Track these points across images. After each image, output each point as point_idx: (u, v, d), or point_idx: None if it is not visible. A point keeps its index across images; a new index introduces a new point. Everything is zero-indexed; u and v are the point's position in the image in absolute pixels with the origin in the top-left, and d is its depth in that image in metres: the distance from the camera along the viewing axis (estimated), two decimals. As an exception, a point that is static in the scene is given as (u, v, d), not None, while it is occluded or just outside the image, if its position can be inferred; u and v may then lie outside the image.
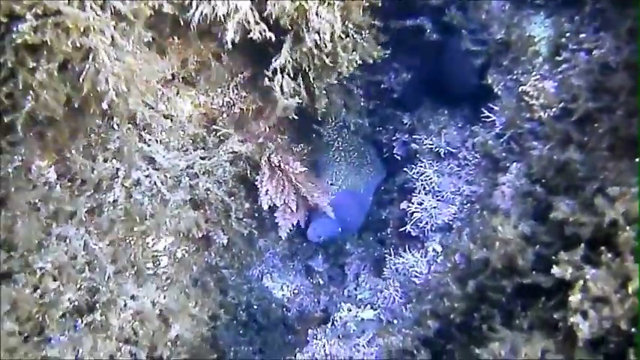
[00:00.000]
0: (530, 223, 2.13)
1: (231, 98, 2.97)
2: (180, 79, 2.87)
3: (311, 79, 2.75)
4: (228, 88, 2.95)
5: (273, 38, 2.47)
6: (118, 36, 2.18)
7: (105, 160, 2.69)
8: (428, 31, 3.11)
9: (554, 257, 1.87)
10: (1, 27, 2.09)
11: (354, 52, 2.66)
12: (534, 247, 2.02)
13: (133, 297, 2.75)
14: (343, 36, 2.60)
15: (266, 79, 2.68)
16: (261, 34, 2.42)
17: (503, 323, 2.02)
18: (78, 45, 2.10)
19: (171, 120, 2.85)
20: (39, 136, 2.58)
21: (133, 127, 2.74)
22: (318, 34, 2.48)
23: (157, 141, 2.80)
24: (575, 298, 1.75)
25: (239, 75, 2.92)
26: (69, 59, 2.16)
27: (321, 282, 3.67)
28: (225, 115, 3.00)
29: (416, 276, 3.04)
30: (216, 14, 2.39)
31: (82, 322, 2.67)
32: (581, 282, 1.76)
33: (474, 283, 2.10)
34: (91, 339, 2.63)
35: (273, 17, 2.43)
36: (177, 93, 2.87)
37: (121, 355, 2.69)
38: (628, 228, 1.80)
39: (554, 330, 1.81)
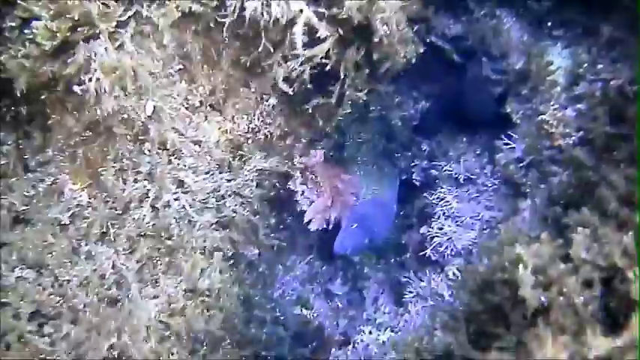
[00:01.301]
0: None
1: (256, 125, 3.05)
2: (208, 106, 2.96)
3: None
4: (254, 115, 3.03)
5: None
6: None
7: (135, 182, 2.78)
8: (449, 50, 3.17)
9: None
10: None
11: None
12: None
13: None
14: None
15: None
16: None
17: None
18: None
19: (200, 146, 2.93)
20: (71, 159, 2.68)
21: (164, 152, 2.82)
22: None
23: (185, 166, 2.87)
24: None
25: (264, 102, 3.01)
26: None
27: (340, 305, 3.71)
28: (250, 141, 3.07)
29: (436, 299, 3.10)
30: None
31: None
32: None
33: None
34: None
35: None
36: (206, 119, 2.95)
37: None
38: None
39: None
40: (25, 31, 2.20)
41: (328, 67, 2.65)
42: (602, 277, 1.86)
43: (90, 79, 2.30)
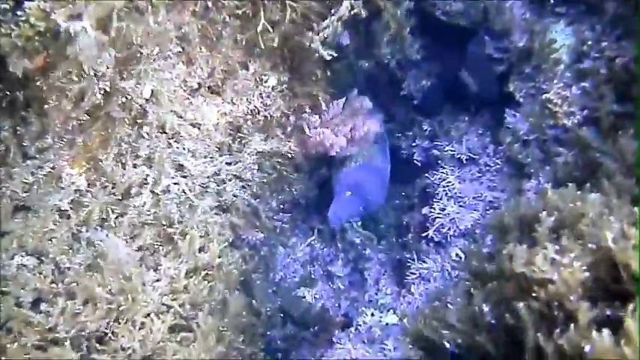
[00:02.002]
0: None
1: (255, 106, 3.01)
2: (207, 88, 2.91)
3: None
4: (254, 97, 2.98)
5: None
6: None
7: (135, 167, 2.74)
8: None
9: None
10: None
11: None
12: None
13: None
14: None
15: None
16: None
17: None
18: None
19: (199, 129, 2.89)
20: (70, 145, 2.63)
21: (163, 135, 2.78)
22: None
23: (184, 149, 2.84)
24: None
25: (264, 83, 2.97)
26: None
27: (342, 287, 3.70)
28: (250, 123, 3.03)
29: (439, 280, 3.08)
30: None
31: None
32: None
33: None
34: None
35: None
36: (205, 101, 2.91)
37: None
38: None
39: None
40: (18, 12, 2.14)
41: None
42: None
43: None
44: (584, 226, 1.71)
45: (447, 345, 1.97)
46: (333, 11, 2.66)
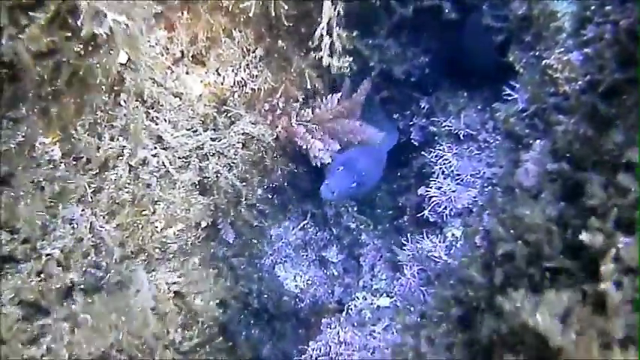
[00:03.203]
0: (559, 206, 2.01)
1: (242, 78, 2.87)
2: (190, 58, 2.79)
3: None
4: (240, 67, 2.85)
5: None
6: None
7: (111, 139, 2.60)
8: (447, 10, 3.01)
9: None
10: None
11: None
12: (564, 233, 1.89)
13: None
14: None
15: (312, 53, 2.64)
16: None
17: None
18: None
19: (180, 99, 2.75)
20: (43, 113, 2.50)
21: (141, 104, 2.65)
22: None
23: (165, 120, 2.70)
24: (606, 267, 1.62)
25: (251, 53, 2.84)
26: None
27: (336, 273, 3.55)
28: (236, 96, 2.90)
29: (434, 261, 2.92)
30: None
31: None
32: (613, 250, 1.63)
33: (499, 271, 1.97)
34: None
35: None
36: (187, 72, 2.78)
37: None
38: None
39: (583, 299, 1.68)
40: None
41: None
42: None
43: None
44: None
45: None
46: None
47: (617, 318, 1.55)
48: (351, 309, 3.03)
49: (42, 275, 2.48)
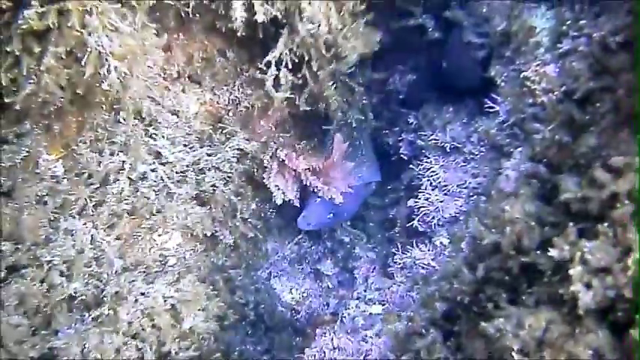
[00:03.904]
0: (536, 203, 2.11)
1: (236, 96, 3.00)
2: (186, 78, 2.92)
3: (314, 72, 2.78)
4: (234, 86, 2.98)
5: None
6: (119, 19, 2.21)
7: (112, 154, 2.73)
8: (430, 29, 3.15)
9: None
10: (5, 15, 2.15)
11: (355, 40, 2.67)
12: (542, 228, 2.00)
13: (143, 294, 2.75)
14: (341, 25, 2.62)
15: (257, 72, 2.75)
16: (265, 15, 2.44)
17: (510, 301, 2.00)
18: (79, 28, 2.15)
19: (177, 116, 2.88)
20: (46, 129, 2.63)
21: (140, 121, 2.78)
22: (312, 22, 2.51)
23: (163, 136, 2.83)
24: (575, 270, 1.72)
25: (244, 73, 2.97)
26: (73, 45, 2.21)
27: (330, 286, 3.65)
28: (231, 114, 3.03)
29: (422, 267, 3.02)
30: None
31: (89, 316, 2.68)
32: (579, 254, 1.73)
33: (482, 265, 2.07)
34: (98, 332, 2.62)
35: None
36: (183, 90, 2.91)
37: (127, 349, 2.68)
38: (627, 202, 1.78)
39: (561, 304, 1.78)
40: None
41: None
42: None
43: (108, 71, 2.27)
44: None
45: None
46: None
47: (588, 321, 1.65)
48: (345, 317, 3.12)
49: (45, 283, 2.58)
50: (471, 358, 1.99)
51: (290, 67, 2.71)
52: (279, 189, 3.08)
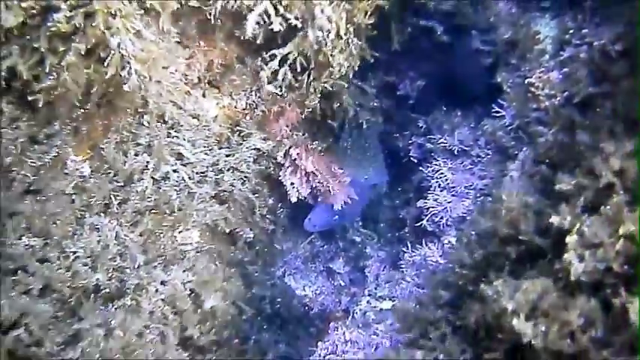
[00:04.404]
0: (535, 196, 2.23)
1: (253, 101, 3.14)
2: (206, 83, 3.06)
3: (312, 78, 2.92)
4: (251, 92, 3.12)
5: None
6: (142, 25, 2.36)
7: (136, 155, 2.88)
8: (438, 33, 3.27)
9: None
10: (35, 19, 2.31)
11: (346, 54, 2.80)
12: (539, 216, 2.11)
13: (163, 282, 2.88)
14: (341, 35, 2.75)
15: (259, 59, 2.88)
16: (281, 25, 2.58)
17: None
18: (103, 29, 2.29)
19: (198, 120, 3.03)
20: (74, 132, 2.78)
21: (162, 124, 2.93)
22: (321, 31, 2.63)
23: (184, 138, 2.98)
24: (571, 239, 1.83)
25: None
26: (96, 45, 2.36)
27: (343, 283, 3.78)
28: (248, 118, 3.16)
29: (431, 265, 3.15)
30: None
31: (112, 306, 2.80)
32: (577, 225, 1.85)
33: (481, 251, 2.19)
34: (122, 318, 2.74)
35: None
36: (204, 95, 3.05)
37: (150, 333, 2.80)
38: (622, 192, 1.90)
39: (556, 279, 1.89)
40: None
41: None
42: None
43: (129, 73, 2.42)
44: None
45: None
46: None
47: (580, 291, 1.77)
48: (356, 312, 3.26)
49: (70, 272, 2.71)
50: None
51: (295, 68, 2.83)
52: (293, 186, 3.22)
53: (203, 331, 2.92)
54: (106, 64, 2.38)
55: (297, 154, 3.18)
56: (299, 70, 2.82)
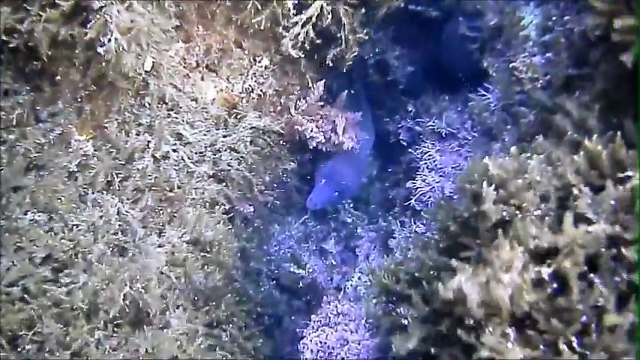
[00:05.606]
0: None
1: (250, 84, 3.26)
2: (205, 67, 3.18)
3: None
4: (248, 75, 3.25)
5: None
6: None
7: (137, 134, 3.00)
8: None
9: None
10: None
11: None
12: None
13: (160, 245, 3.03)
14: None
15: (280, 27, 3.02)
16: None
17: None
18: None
19: (197, 102, 3.15)
20: (78, 112, 2.89)
21: (163, 106, 3.05)
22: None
23: (183, 120, 3.10)
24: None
25: (258, 62, 3.24)
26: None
27: (334, 262, 3.91)
28: (244, 101, 3.29)
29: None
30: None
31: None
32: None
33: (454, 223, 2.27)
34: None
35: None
36: (202, 78, 3.17)
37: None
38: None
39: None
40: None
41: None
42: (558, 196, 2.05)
43: (109, 40, 2.50)
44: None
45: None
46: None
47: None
48: (348, 288, 3.41)
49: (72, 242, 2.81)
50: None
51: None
52: (311, 132, 3.37)
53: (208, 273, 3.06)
54: (89, 26, 2.47)
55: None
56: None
